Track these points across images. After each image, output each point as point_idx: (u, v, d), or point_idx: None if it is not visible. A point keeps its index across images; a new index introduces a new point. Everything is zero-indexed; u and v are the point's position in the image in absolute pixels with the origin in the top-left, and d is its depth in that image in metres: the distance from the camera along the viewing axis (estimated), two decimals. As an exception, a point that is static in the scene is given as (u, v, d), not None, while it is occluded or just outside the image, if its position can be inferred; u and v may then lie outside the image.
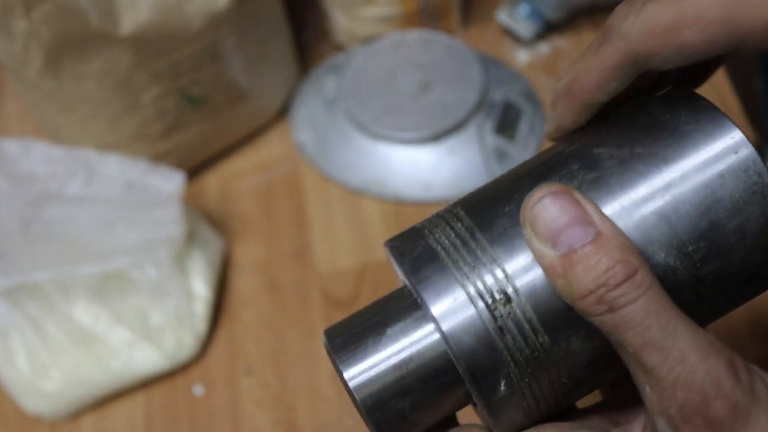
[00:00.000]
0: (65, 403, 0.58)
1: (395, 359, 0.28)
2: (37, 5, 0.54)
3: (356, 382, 0.28)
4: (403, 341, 0.29)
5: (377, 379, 0.28)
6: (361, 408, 0.29)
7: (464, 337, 0.27)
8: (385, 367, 0.28)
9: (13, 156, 0.58)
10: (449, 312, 0.27)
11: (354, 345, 0.29)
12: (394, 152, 0.69)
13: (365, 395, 0.28)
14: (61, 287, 0.58)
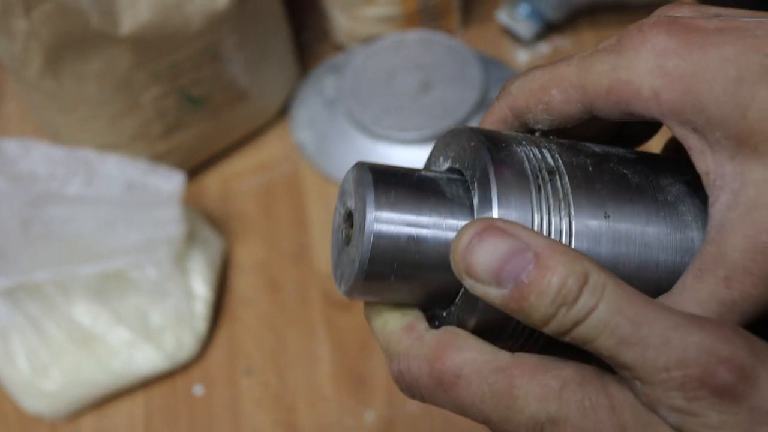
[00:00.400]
0: (65, 403, 0.58)
1: (424, 232, 0.27)
2: (37, 5, 0.54)
3: (379, 228, 0.27)
4: (440, 220, 0.28)
5: (396, 237, 0.27)
6: (365, 252, 0.27)
7: None
8: (410, 232, 0.27)
9: (13, 156, 0.58)
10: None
11: (394, 192, 0.28)
12: (394, 152, 0.69)
13: (377, 244, 0.27)
14: (61, 287, 0.58)
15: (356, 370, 0.60)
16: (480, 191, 0.27)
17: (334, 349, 0.61)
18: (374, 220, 0.27)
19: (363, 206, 0.27)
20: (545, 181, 0.27)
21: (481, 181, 0.27)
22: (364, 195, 0.28)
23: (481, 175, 0.28)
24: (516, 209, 0.26)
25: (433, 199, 0.28)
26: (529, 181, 0.27)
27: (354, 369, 0.60)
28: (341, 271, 0.29)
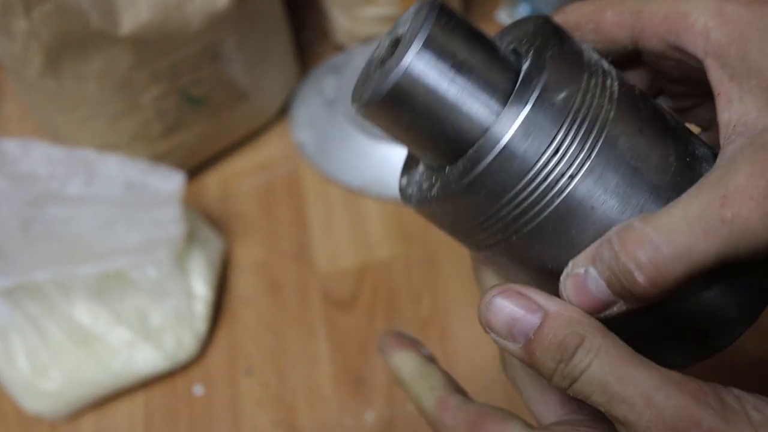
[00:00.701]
0: (65, 403, 0.58)
1: (453, 90, 0.27)
2: (37, 5, 0.54)
3: (416, 64, 0.26)
4: (472, 89, 0.27)
5: (426, 81, 0.26)
6: (396, 74, 0.26)
7: (522, 142, 0.26)
8: (442, 83, 0.27)
9: (13, 156, 0.58)
10: (534, 119, 0.26)
11: (447, 38, 0.27)
12: (394, 152, 0.69)
13: (409, 76, 0.26)
14: (61, 287, 0.58)
15: (356, 370, 0.60)
16: (531, 65, 0.27)
17: (334, 349, 0.61)
18: (416, 55, 0.26)
19: (412, 38, 0.26)
20: (598, 75, 0.27)
21: (535, 58, 0.27)
22: (419, 28, 0.27)
23: (537, 52, 0.28)
24: (563, 90, 0.26)
25: (478, 65, 0.27)
26: (584, 70, 0.27)
27: (354, 369, 0.60)
28: (365, 88, 0.28)
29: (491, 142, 0.26)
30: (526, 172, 0.26)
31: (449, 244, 0.66)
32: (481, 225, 0.28)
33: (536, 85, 0.26)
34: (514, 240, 0.28)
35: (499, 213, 0.27)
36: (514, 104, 0.26)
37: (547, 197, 0.27)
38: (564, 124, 0.26)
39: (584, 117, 0.26)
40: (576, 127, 0.26)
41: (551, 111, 0.26)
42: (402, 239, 0.66)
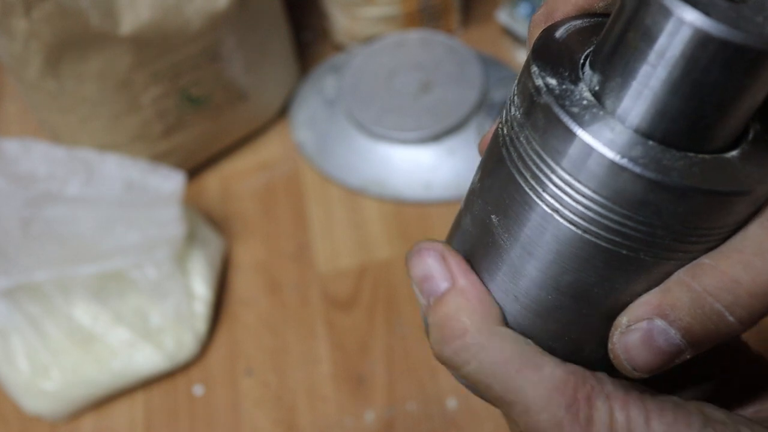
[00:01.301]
0: (65, 403, 0.58)
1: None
2: (37, 5, 0.54)
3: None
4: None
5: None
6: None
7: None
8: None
9: (13, 156, 0.58)
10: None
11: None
12: (394, 152, 0.69)
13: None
14: (61, 287, 0.58)
15: (356, 370, 0.60)
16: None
17: (334, 349, 0.61)
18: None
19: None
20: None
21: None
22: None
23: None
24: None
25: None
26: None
27: (354, 369, 0.60)
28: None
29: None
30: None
31: (449, 244, 0.66)
32: (608, 213, 0.23)
33: None
34: (599, 243, 0.24)
35: (634, 223, 0.23)
36: None
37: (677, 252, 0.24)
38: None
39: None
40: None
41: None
42: (402, 239, 0.66)
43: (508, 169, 0.25)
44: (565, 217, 0.24)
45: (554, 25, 0.26)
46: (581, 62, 0.25)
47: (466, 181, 0.80)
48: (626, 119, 0.23)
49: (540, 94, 0.23)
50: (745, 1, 0.21)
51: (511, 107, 0.25)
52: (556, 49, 0.25)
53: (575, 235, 0.24)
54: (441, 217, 0.67)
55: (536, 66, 0.24)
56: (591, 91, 0.23)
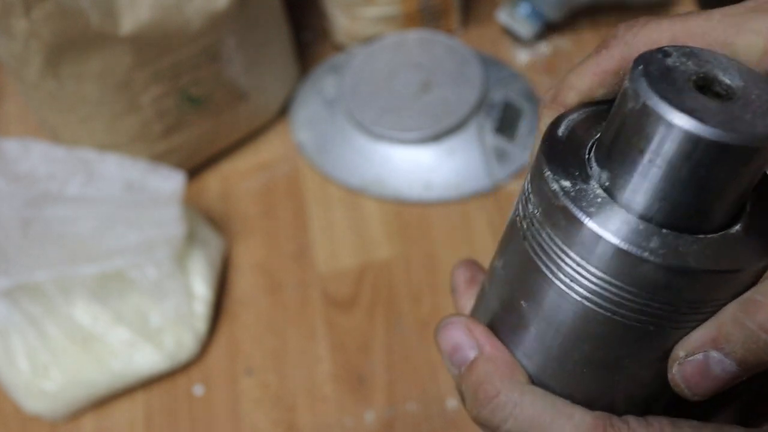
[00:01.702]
0: (65, 403, 0.58)
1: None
2: (37, 5, 0.54)
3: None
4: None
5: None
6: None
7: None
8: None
9: (13, 156, 0.58)
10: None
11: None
12: (394, 152, 0.69)
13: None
14: (61, 287, 0.58)
15: (356, 370, 0.60)
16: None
17: (334, 349, 0.61)
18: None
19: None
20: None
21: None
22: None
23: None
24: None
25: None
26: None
27: (354, 369, 0.60)
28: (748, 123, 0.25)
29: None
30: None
31: (449, 244, 0.66)
32: (628, 296, 0.26)
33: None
34: (618, 320, 0.26)
35: (659, 304, 0.25)
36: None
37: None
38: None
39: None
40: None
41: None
42: (402, 239, 0.66)
43: (534, 263, 0.27)
44: (594, 303, 0.26)
45: (556, 122, 0.28)
46: (587, 157, 0.27)
47: (466, 180, 0.80)
48: (639, 211, 0.25)
49: (558, 197, 0.26)
50: (732, 99, 0.24)
51: (528, 205, 0.27)
52: (562, 148, 0.27)
53: (607, 318, 0.26)
54: (441, 217, 0.67)
55: (549, 170, 0.26)
56: (602, 186, 0.26)
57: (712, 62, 0.25)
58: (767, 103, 0.24)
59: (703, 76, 0.25)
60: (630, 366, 0.28)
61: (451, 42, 0.74)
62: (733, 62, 0.25)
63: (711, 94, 0.24)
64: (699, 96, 0.24)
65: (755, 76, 0.25)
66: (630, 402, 0.29)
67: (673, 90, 0.24)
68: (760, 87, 0.24)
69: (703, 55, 0.25)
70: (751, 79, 0.25)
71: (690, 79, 0.24)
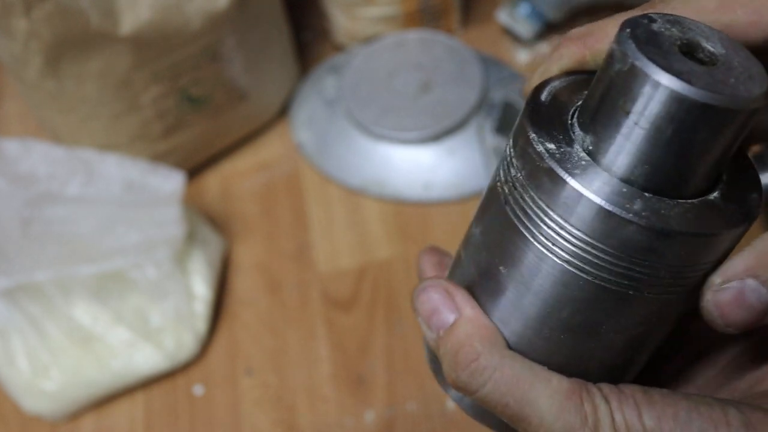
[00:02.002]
0: (65, 403, 0.58)
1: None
2: (37, 5, 0.54)
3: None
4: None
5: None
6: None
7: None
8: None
9: (13, 156, 0.58)
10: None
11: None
12: (394, 152, 0.69)
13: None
14: (61, 287, 0.58)
15: (356, 370, 0.60)
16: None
17: (334, 349, 0.61)
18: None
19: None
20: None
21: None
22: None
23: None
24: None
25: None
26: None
27: (354, 369, 0.60)
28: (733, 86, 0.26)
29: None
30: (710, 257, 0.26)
31: (449, 244, 0.66)
32: (605, 257, 0.26)
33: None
34: (592, 282, 0.27)
35: (637, 265, 0.26)
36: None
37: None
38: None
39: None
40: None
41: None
42: (402, 239, 0.66)
43: (515, 226, 0.27)
44: (575, 266, 0.26)
45: (539, 88, 0.29)
46: (570, 122, 0.27)
47: (466, 180, 0.80)
48: (622, 174, 0.26)
49: (543, 159, 0.26)
50: (715, 65, 0.25)
51: (511, 169, 0.28)
52: (546, 112, 0.28)
53: (587, 282, 0.26)
54: (441, 217, 0.67)
55: (533, 133, 0.27)
56: (585, 150, 0.26)
57: (694, 30, 0.26)
58: (748, 70, 0.25)
59: (687, 42, 0.25)
60: (606, 333, 0.28)
61: (451, 42, 0.74)
62: (714, 31, 0.26)
63: (695, 59, 0.25)
64: (685, 59, 0.24)
65: (735, 45, 0.26)
66: (603, 370, 0.29)
67: (660, 53, 0.24)
68: (740, 55, 0.25)
69: (686, 23, 0.26)
70: (732, 47, 0.25)
71: (675, 44, 0.25)
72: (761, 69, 0.25)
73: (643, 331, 0.28)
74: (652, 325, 0.28)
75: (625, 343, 0.29)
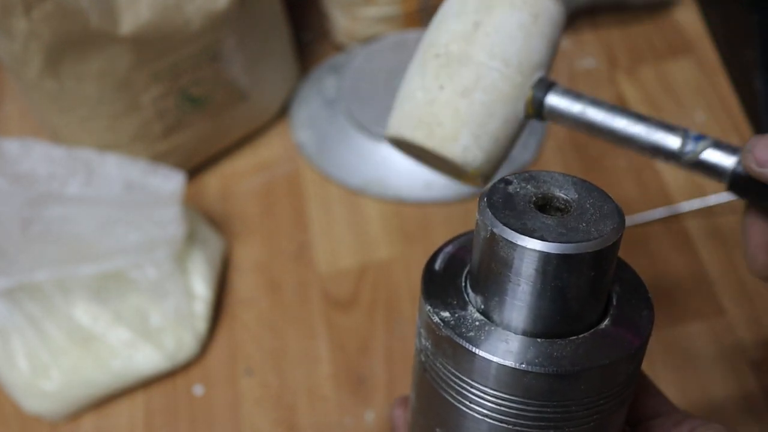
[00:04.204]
0: (65, 403, 0.58)
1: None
2: (37, 5, 0.54)
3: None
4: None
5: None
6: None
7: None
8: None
9: (13, 156, 0.58)
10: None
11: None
12: (394, 152, 0.69)
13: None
14: (61, 287, 0.58)
15: (356, 370, 0.60)
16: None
17: (334, 349, 0.61)
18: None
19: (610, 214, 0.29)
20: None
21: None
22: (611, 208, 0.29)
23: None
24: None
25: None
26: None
27: (354, 369, 0.60)
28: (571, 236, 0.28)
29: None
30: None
31: (449, 244, 0.66)
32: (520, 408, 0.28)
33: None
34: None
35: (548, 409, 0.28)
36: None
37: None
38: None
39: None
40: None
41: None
42: (402, 239, 0.66)
43: (436, 391, 0.29)
44: (493, 418, 0.28)
45: (433, 257, 0.32)
46: (463, 285, 0.30)
47: (466, 181, 0.78)
48: (514, 327, 0.28)
49: (440, 328, 0.28)
50: (569, 212, 0.27)
51: (421, 338, 0.30)
52: (440, 281, 0.30)
53: (508, 430, 0.28)
54: (441, 217, 0.67)
55: (428, 305, 0.29)
56: (479, 310, 0.28)
57: (549, 181, 0.28)
58: (599, 210, 0.27)
59: (542, 197, 0.28)
60: None
61: (451, 42, 0.74)
62: (567, 177, 0.28)
63: (552, 209, 0.28)
64: (539, 215, 0.27)
65: (588, 187, 0.28)
66: None
67: (515, 214, 0.27)
68: (593, 196, 0.28)
69: (540, 177, 0.28)
70: (585, 189, 0.28)
71: (530, 201, 0.27)
72: (613, 205, 0.27)
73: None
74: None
75: None
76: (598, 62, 0.75)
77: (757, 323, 0.58)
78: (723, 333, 0.58)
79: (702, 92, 0.72)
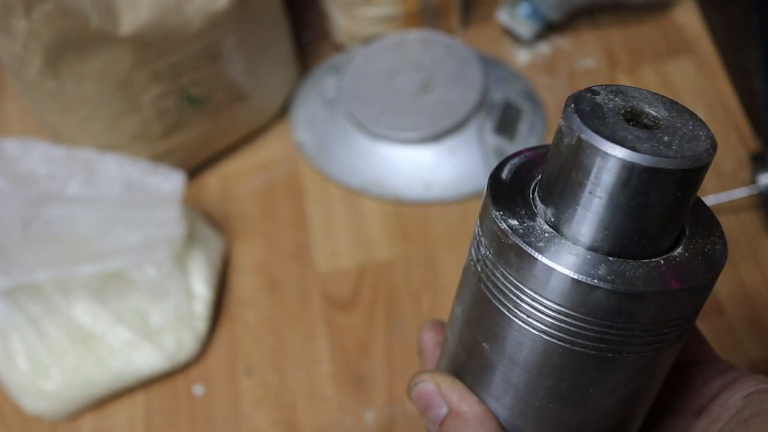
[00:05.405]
0: (65, 403, 0.58)
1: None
2: (37, 5, 0.54)
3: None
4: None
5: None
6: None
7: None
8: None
9: (13, 156, 0.58)
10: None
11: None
12: (394, 152, 0.69)
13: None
14: (61, 287, 0.58)
15: (356, 370, 0.60)
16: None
17: (334, 349, 0.61)
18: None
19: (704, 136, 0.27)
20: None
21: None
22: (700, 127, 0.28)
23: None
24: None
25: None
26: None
27: (354, 369, 0.60)
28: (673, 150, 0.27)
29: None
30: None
31: (449, 244, 0.66)
32: (577, 322, 0.27)
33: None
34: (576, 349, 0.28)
35: (621, 329, 0.27)
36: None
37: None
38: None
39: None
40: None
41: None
42: (402, 239, 0.66)
43: (491, 303, 0.28)
44: (553, 336, 0.27)
45: (500, 167, 0.30)
46: (531, 197, 0.29)
47: (466, 180, 0.80)
48: (585, 242, 0.27)
49: (507, 236, 0.27)
50: (659, 128, 0.26)
51: (480, 248, 0.29)
52: (507, 190, 0.29)
53: (567, 349, 0.27)
54: (441, 217, 0.67)
55: (496, 211, 0.28)
56: (548, 222, 0.27)
57: (637, 97, 0.27)
58: (691, 131, 0.26)
59: (630, 110, 0.26)
60: (595, 397, 0.28)
61: (451, 42, 0.74)
62: (657, 96, 0.27)
63: (640, 125, 0.26)
64: (629, 127, 0.25)
65: (679, 108, 0.27)
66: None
67: (604, 123, 0.25)
68: (683, 117, 0.26)
69: (629, 92, 0.27)
70: (675, 110, 0.27)
71: (619, 113, 0.26)
72: (705, 128, 0.26)
73: (632, 390, 0.29)
74: (640, 383, 0.29)
75: (616, 405, 0.29)
76: (598, 62, 0.75)
77: (757, 323, 0.58)
78: (723, 333, 0.58)
79: (702, 92, 0.72)
